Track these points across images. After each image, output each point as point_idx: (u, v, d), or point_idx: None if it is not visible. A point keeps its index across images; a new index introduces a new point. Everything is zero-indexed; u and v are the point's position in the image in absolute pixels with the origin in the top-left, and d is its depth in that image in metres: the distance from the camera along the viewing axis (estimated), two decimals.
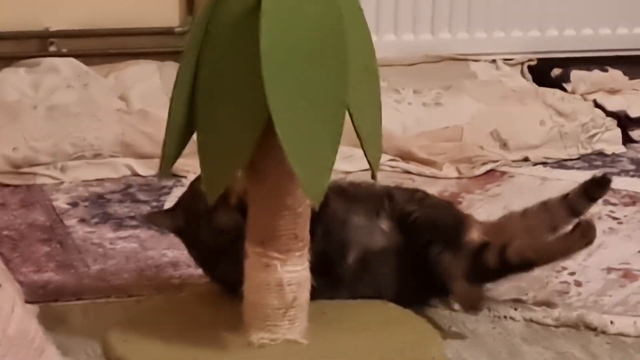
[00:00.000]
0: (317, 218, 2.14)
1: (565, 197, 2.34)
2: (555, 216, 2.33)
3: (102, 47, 3.61)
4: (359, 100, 2.02)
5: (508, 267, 2.23)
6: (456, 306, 2.26)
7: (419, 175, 3.19)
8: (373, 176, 2.10)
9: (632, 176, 3.20)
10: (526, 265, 2.22)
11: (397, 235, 2.28)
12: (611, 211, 2.93)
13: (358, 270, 2.27)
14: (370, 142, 2.06)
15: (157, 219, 2.32)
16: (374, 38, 2.13)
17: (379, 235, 2.28)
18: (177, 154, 2.07)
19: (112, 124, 3.19)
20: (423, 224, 2.27)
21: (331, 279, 2.24)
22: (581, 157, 3.36)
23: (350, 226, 2.26)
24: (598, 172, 2.38)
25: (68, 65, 3.47)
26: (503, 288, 2.36)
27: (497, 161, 3.27)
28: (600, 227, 2.81)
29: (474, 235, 2.28)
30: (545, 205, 2.35)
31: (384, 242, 2.28)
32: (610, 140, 3.42)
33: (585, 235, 2.19)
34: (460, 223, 2.30)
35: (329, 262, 2.18)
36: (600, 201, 2.97)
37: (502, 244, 2.23)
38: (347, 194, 2.32)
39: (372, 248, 2.27)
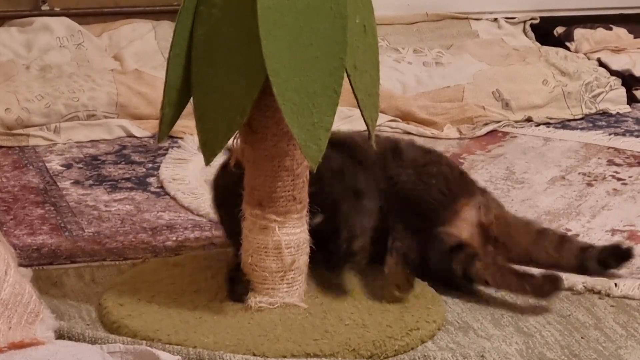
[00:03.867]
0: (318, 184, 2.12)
1: (584, 250, 2.32)
2: (564, 259, 2.32)
3: (96, 6, 3.58)
4: (357, 60, 2.00)
5: (468, 279, 2.20)
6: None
7: (420, 135, 3.17)
8: (370, 136, 2.07)
9: (637, 136, 3.18)
10: (482, 283, 2.20)
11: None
12: (615, 172, 2.91)
13: (350, 252, 2.21)
14: (368, 102, 2.03)
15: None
16: None
17: (371, 216, 2.22)
18: (176, 117, 2.05)
19: (107, 84, 3.17)
20: (400, 194, 2.21)
21: (327, 254, 2.19)
22: (585, 117, 3.34)
23: (342, 208, 2.19)
24: (624, 244, 2.37)
25: (61, 25, 3.45)
26: None
27: (499, 121, 3.25)
28: (604, 188, 2.79)
29: (455, 230, 2.24)
30: (563, 241, 2.34)
31: (375, 222, 2.22)
32: (614, 99, 3.40)
33: (541, 289, 2.15)
34: (445, 210, 2.23)
35: (324, 239, 2.14)
36: (604, 162, 2.98)
37: (472, 254, 2.19)
38: (352, 158, 2.24)
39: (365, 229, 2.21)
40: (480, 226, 2.30)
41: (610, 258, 2.31)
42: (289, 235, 2.06)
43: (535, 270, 2.23)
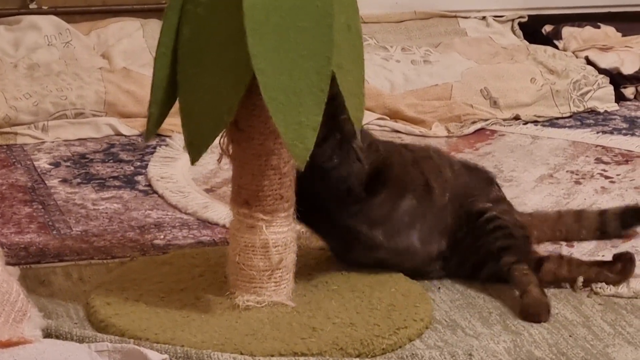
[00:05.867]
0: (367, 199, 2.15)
1: (601, 214, 2.40)
2: (586, 229, 2.40)
3: (84, 4, 3.57)
4: (342, 59, 1.99)
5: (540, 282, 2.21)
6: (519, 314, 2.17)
7: (408, 134, 3.16)
8: (354, 137, 2.07)
9: (625, 134, 3.18)
10: (558, 283, 2.22)
11: (439, 262, 2.24)
12: (603, 170, 2.91)
13: (371, 262, 2.22)
14: (353, 102, 2.03)
15: None
16: None
17: (420, 260, 2.22)
18: (163, 115, 2.04)
19: (95, 82, 3.16)
20: (498, 228, 2.20)
21: (344, 247, 2.22)
22: (573, 115, 3.33)
23: (400, 240, 2.20)
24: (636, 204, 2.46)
25: (49, 23, 3.43)
26: None
27: (487, 120, 3.24)
28: (592, 186, 2.79)
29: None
30: (579, 215, 2.41)
31: (418, 264, 2.23)
32: (602, 97, 3.40)
33: (623, 273, 2.22)
34: (527, 234, 2.26)
35: (352, 241, 2.18)
36: (592, 160, 2.98)
37: (539, 258, 2.21)
38: (429, 196, 2.23)
39: (403, 265, 2.22)
40: None
41: (630, 217, 2.39)
42: (276, 234, 2.06)
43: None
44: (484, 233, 2.20)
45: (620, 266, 2.22)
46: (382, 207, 2.19)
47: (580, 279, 2.21)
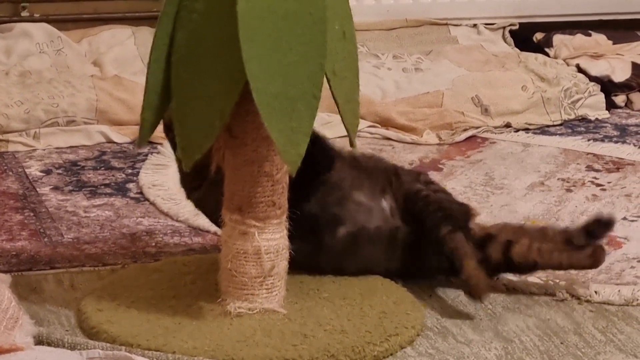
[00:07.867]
0: (319, 182, 2.15)
1: (565, 230, 2.34)
2: (551, 242, 2.33)
3: (75, 12, 3.56)
4: (337, 65, 2.00)
5: (510, 265, 2.22)
6: (461, 291, 2.19)
7: (399, 141, 3.17)
8: (351, 143, 2.07)
9: (616, 142, 3.18)
10: (529, 267, 2.21)
11: (396, 217, 2.24)
12: (594, 177, 2.91)
13: (346, 246, 2.23)
14: (348, 108, 2.03)
15: None
16: (352, 2, 2.10)
17: (377, 215, 2.24)
18: (156, 121, 2.04)
19: (86, 90, 3.16)
20: (433, 202, 2.22)
21: (314, 246, 2.21)
22: (564, 123, 3.34)
23: (349, 202, 2.22)
24: (604, 214, 2.39)
25: (41, 31, 3.43)
26: None
27: (478, 127, 3.25)
28: (583, 193, 2.80)
29: (475, 226, 2.27)
30: (543, 232, 2.35)
31: (380, 222, 2.24)
32: (593, 105, 3.40)
33: (594, 257, 2.20)
34: (467, 209, 2.27)
35: (317, 230, 2.17)
36: (583, 167, 2.98)
37: (506, 240, 2.21)
38: (358, 166, 2.27)
39: (366, 227, 2.23)
40: None
41: (596, 228, 2.32)
42: (268, 241, 2.06)
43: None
44: (422, 215, 2.21)
45: (591, 251, 2.19)
46: (334, 182, 2.22)
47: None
